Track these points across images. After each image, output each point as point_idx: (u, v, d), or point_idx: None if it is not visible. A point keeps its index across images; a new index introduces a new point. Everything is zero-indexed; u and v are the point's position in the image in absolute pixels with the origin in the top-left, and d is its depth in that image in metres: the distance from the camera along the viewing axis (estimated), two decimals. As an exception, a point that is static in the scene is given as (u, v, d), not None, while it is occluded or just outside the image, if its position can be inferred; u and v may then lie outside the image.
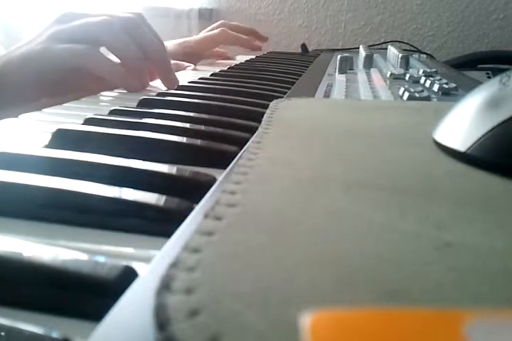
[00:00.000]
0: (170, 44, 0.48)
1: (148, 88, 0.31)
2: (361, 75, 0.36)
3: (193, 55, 0.49)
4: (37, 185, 0.12)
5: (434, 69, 0.37)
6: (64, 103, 0.25)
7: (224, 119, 0.21)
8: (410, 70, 0.37)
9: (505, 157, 0.12)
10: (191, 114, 0.22)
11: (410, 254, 0.08)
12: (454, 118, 0.15)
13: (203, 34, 0.53)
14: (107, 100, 0.28)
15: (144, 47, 0.28)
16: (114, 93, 0.30)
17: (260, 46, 0.55)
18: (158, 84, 0.32)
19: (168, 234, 0.10)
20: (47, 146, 0.17)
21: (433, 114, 0.17)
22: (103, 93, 0.29)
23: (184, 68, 0.45)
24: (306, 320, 0.06)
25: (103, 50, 0.28)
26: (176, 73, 0.42)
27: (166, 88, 0.31)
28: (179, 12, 0.78)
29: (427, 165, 0.13)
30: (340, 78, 0.34)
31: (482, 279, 0.07)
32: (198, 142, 0.17)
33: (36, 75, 0.26)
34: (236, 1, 0.82)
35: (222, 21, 0.55)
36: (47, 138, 0.17)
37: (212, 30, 0.54)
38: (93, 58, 0.27)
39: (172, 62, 0.45)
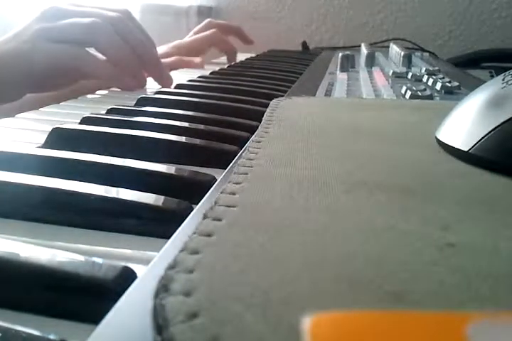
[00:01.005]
0: (160, 49, 0.47)
1: (146, 87, 0.31)
2: (363, 74, 0.35)
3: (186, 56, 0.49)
4: (33, 185, 0.12)
5: (436, 68, 0.37)
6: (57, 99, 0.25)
7: (223, 118, 0.21)
8: (413, 69, 0.37)
9: (508, 156, 0.12)
10: (190, 113, 0.22)
11: (413, 255, 0.08)
12: (456, 117, 0.14)
13: (194, 35, 0.52)
14: (105, 99, 0.28)
15: (135, 47, 0.28)
16: (112, 92, 0.30)
17: (235, 58, 0.53)
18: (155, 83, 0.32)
19: (167, 234, 0.10)
20: (43, 146, 0.17)
21: (435, 113, 0.17)
22: (100, 92, 0.29)
23: (192, 64, 0.44)
24: (307, 322, 0.06)
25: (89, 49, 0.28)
26: (176, 71, 0.42)
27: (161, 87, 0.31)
28: (178, 9, 0.78)
29: (429, 165, 0.13)
30: (341, 76, 0.34)
31: (485, 280, 0.07)
32: (198, 141, 0.17)
33: (25, 73, 0.26)
34: (236, -1, 0.82)
35: (209, 20, 0.54)
36: (43, 137, 0.17)
37: (200, 29, 0.53)
38: (86, 59, 0.27)
39: (174, 58, 0.44)
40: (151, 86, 0.32)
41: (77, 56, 0.26)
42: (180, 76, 0.37)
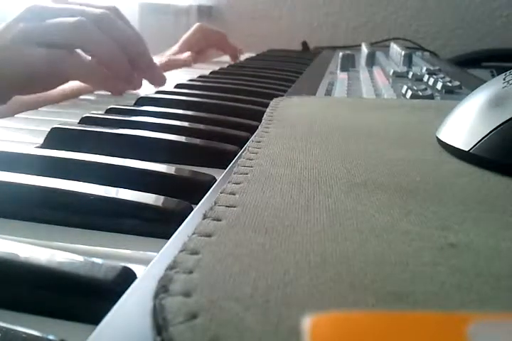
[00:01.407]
0: (155, 59, 0.45)
1: (136, 90, 0.29)
2: (363, 73, 0.35)
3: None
4: (33, 185, 0.12)
5: (437, 67, 0.37)
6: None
7: (223, 118, 0.21)
8: (413, 68, 0.37)
9: (509, 156, 0.12)
10: (190, 113, 0.22)
11: (414, 255, 0.08)
12: (457, 116, 0.14)
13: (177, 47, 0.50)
14: (104, 99, 0.28)
15: (124, 46, 0.27)
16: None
17: (236, 54, 0.51)
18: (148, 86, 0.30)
19: (166, 235, 0.10)
20: (42, 146, 0.17)
21: (436, 113, 0.17)
22: (100, 92, 0.29)
23: (184, 62, 0.43)
24: (307, 323, 0.06)
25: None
26: (175, 71, 0.41)
27: (155, 87, 0.29)
28: (178, 9, 0.78)
29: (430, 165, 0.13)
30: (341, 76, 0.34)
31: (486, 281, 0.07)
32: (197, 141, 0.17)
33: (8, 78, 0.25)
34: (236, -2, 0.82)
35: (198, 24, 0.53)
36: (42, 137, 0.17)
37: (189, 35, 0.52)
38: (72, 64, 0.25)
39: (163, 60, 0.43)
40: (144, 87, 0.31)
41: (62, 61, 0.25)
42: (180, 76, 0.37)
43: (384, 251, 0.08)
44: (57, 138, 0.17)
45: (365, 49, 0.43)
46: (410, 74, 0.33)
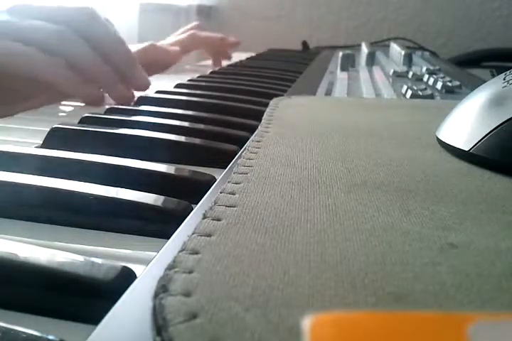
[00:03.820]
0: (133, 49, 0.41)
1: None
2: (363, 73, 0.35)
3: (158, 62, 0.39)
4: (32, 185, 0.12)
5: (437, 67, 0.37)
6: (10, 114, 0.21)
7: (223, 118, 0.21)
8: (413, 68, 0.37)
9: (509, 156, 0.12)
10: (190, 113, 0.22)
11: (414, 255, 0.08)
12: (457, 116, 0.14)
13: (174, 38, 0.46)
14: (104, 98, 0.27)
15: (107, 57, 0.23)
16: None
17: (227, 53, 0.49)
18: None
19: (166, 235, 0.10)
20: (42, 145, 0.17)
21: (436, 113, 0.17)
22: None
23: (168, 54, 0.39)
24: (307, 323, 0.06)
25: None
26: (174, 72, 0.40)
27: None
28: (177, 9, 0.78)
29: (430, 165, 0.13)
30: (341, 76, 0.34)
31: (487, 281, 0.07)
32: (197, 141, 0.17)
33: None
34: (235, -2, 0.82)
35: (193, 32, 0.48)
36: (42, 137, 0.17)
37: (183, 32, 0.48)
38: (38, 62, 0.22)
39: (147, 45, 0.36)
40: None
41: (31, 57, 0.21)
42: (180, 76, 0.37)
43: (384, 251, 0.08)
44: (57, 138, 0.17)
45: (365, 49, 0.43)
46: (410, 73, 0.33)
